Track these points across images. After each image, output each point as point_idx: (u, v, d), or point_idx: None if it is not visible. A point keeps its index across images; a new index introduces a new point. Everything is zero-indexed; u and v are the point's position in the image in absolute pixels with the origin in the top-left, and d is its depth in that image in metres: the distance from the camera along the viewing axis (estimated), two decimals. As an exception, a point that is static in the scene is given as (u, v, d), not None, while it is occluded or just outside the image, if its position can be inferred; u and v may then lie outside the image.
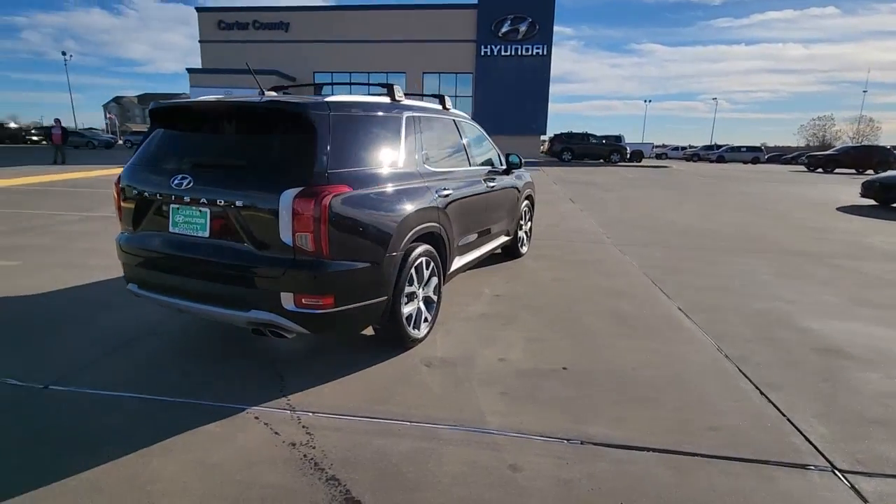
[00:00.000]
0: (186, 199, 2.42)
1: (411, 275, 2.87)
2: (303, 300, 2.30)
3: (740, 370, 2.81)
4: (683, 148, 48.54)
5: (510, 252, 5.25)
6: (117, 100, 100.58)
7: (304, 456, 1.98)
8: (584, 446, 2.09)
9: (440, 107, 3.78)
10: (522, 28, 30.17)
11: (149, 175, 2.63)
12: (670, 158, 43.63)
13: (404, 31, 30.89)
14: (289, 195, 2.22)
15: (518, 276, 4.71)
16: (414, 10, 30.75)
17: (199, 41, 33.88)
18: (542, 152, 33.30)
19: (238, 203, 2.32)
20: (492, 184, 4.21)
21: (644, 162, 31.17)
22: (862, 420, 2.31)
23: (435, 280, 3.19)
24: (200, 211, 2.43)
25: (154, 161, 2.65)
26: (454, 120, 3.91)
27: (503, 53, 30.59)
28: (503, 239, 4.79)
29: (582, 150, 27.88)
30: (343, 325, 2.57)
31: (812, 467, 1.96)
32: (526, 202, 5.32)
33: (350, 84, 4.87)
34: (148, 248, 2.65)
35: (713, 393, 2.56)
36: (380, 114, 2.86)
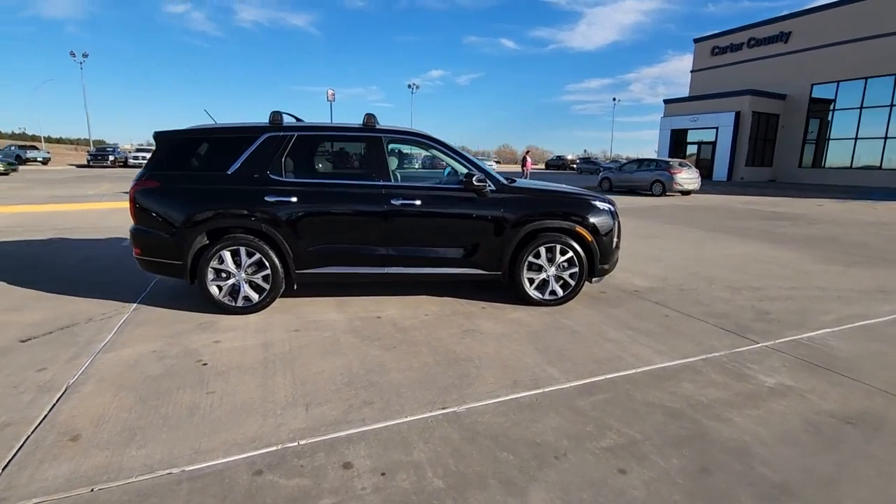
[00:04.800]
0: None
1: (221, 256, 3.75)
2: (133, 247, 3.91)
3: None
4: None
5: (515, 293, 4.21)
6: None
7: (76, 324, 3.67)
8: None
9: (358, 125, 4.06)
10: None
11: None
12: None
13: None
14: (132, 184, 3.86)
15: (451, 310, 3.93)
16: None
17: (691, 71, 34.53)
18: None
19: None
20: (416, 203, 3.90)
21: None
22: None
23: (267, 270, 3.81)
24: None
25: None
26: (372, 137, 4.00)
27: None
28: (466, 270, 4.06)
29: None
30: (153, 269, 3.92)
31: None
32: (546, 239, 4.07)
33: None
34: None
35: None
36: (223, 136, 3.88)
